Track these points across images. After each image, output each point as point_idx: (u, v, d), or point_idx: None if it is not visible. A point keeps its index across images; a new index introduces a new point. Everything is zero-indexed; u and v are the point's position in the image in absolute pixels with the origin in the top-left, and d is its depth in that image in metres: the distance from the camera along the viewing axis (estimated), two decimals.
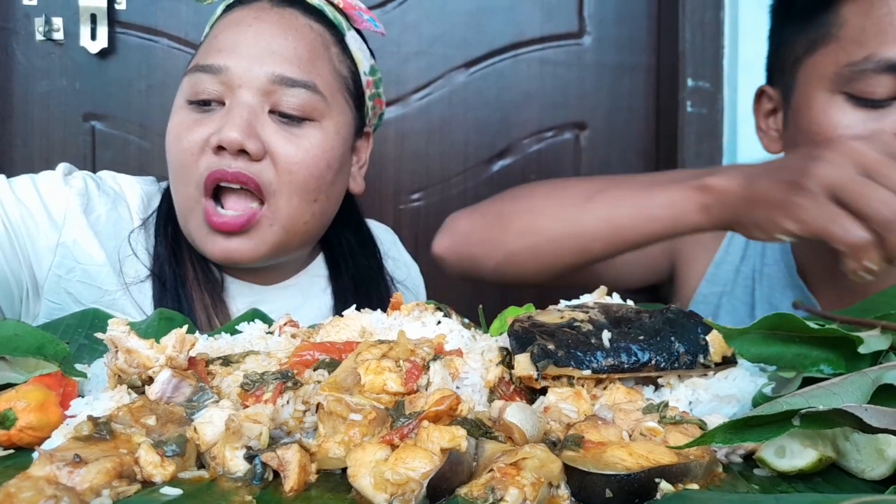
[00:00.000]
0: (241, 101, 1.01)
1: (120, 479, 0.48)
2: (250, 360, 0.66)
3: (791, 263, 1.14)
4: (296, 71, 1.02)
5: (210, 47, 1.05)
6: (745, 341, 0.65)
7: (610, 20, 2.08)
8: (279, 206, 1.02)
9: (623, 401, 0.60)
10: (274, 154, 1.01)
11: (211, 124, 1.01)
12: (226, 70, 1.01)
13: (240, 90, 1.01)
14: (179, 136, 1.02)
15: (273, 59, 1.02)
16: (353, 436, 0.52)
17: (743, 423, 0.49)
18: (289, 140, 1.02)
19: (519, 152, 2.10)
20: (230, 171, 0.99)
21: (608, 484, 0.48)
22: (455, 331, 0.72)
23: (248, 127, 0.99)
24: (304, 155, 1.02)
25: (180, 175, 1.03)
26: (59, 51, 2.02)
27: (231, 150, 0.99)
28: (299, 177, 1.02)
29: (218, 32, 1.07)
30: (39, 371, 0.63)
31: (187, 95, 1.04)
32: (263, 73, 1.01)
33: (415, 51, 2.06)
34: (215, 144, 0.99)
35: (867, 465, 0.52)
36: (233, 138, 0.97)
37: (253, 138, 0.99)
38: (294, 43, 1.04)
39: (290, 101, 1.02)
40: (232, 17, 1.07)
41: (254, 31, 1.03)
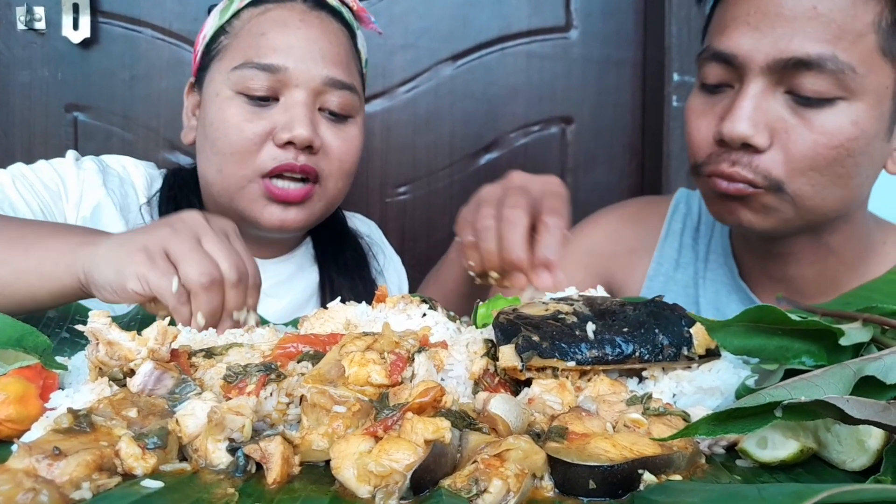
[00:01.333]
0: (299, 100, 1.11)
1: (100, 472, 0.48)
2: (233, 352, 0.66)
3: (733, 266, 1.16)
4: (342, 74, 1.15)
5: (261, 45, 1.13)
6: (728, 334, 0.65)
7: (597, 14, 2.08)
8: (328, 187, 1.17)
9: (607, 392, 0.60)
10: (327, 147, 1.14)
11: (270, 118, 1.11)
12: (284, 70, 1.11)
13: (296, 89, 1.12)
14: (240, 126, 1.11)
15: (324, 61, 1.13)
16: (336, 428, 0.52)
17: (726, 415, 0.49)
18: (337, 135, 1.15)
19: (505, 146, 2.10)
20: (298, 165, 1.11)
21: (592, 475, 0.48)
22: (440, 323, 0.72)
23: (313, 126, 1.12)
24: (350, 146, 1.17)
25: (236, 159, 1.12)
26: (41, 41, 1.99)
27: (300, 146, 1.11)
28: (346, 165, 1.18)
29: (265, 31, 1.14)
30: (19, 363, 0.63)
31: (239, 88, 1.12)
32: (318, 75, 1.12)
33: (401, 43, 2.05)
34: (284, 140, 1.10)
35: (848, 455, 0.53)
36: (304, 137, 1.10)
37: (318, 135, 1.12)
38: (336, 48, 1.16)
39: (336, 101, 1.14)
40: (275, 16, 1.15)
41: (304, 35, 1.14)
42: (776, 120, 0.94)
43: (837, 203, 0.98)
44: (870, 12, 0.92)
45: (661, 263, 1.23)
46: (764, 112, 0.94)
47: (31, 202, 1.09)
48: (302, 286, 1.28)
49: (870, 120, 0.94)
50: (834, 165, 0.94)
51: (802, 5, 0.92)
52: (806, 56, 0.91)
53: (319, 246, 1.32)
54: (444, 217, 2.10)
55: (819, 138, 0.93)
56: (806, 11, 0.92)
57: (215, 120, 1.13)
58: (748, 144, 0.94)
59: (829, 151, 0.93)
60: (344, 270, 1.30)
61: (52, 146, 1.98)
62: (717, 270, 1.18)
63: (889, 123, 0.97)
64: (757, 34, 0.94)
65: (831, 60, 0.91)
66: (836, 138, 0.93)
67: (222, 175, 1.14)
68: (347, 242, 1.34)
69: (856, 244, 1.06)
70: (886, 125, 0.96)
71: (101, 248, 0.82)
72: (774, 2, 0.94)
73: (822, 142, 0.93)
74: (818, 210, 0.98)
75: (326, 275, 1.29)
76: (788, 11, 0.93)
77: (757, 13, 0.95)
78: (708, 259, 1.21)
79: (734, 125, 0.94)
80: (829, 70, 0.91)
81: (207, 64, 1.18)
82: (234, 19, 1.17)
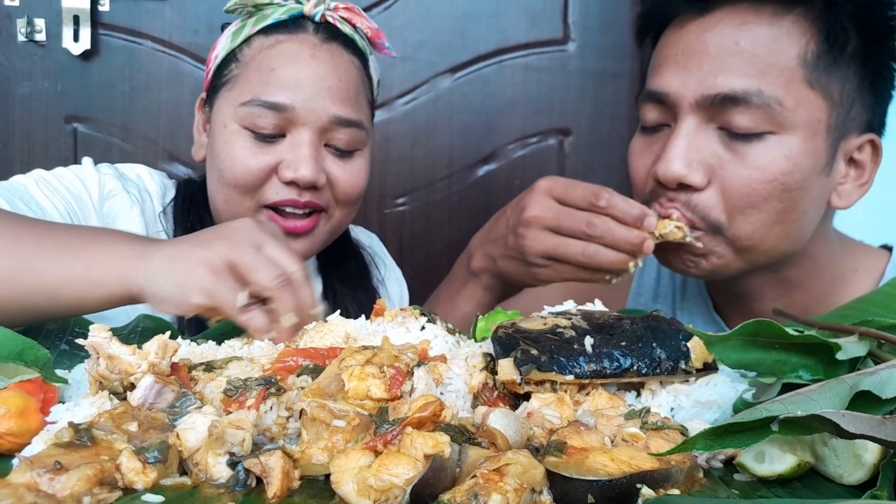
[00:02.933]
0: (305, 139, 1.13)
1: (101, 486, 0.48)
2: (233, 365, 0.66)
3: (708, 300, 1.17)
4: (349, 111, 1.15)
5: (270, 81, 1.13)
6: (725, 348, 0.66)
7: (594, 27, 2.09)
8: (333, 216, 1.20)
9: (605, 406, 0.60)
10: (333, 182, 1.16)
11: (275, 153, 1.13)
12: (291, 109, 1.12)
13: (303, 127, 1.13)
14: (245, 160, 1.13)
15: (331, 100, 1.14)
16: (336, 442, 0.52)
17: (723, 429, 0.49)
18: (343, 168, 1.17)
19: (503, 158, 2.11)
20: (301, 201, 1.13)
21: (590, 489, 0.48)
22: (439, 336, 0.72)
23: (317, 164, 1.13)
24: (356, 179, 1.19)
25: (240, 191, 1.14)
26: (42, 52, 2.00)
27: (303, 186, 1.12)
28: (352, 196, 1.20)
29: (274, 66, 1.14)
30: (20, 377, 0.63)
31: (246, 124, 1.13)
32: (325, 115, 1.13)
33: (400, 56, 2.06)
34: (289, 179, 1.11)
35: (845, 470, 0.53)
36: (309, 179, 1.11)
37: (321, 173, 1.13)
38: (345, 84, 1.16)
39: (343, 139, 1.16)
40: (285, 50, 1.15)
41: (313, 72, 1.14)
42: (710, 157, 0.95)
43: (780, 241, 0.98)
44: (794, 45, 0.93)
45: (640, 294, 1.23)
46: (698, 149, 0.95)
47: (58, 204, 1.10)
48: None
49: (803, 154, 0.94)
50: (770, 200, 0.94)
51: (725, 42, 0.94)
52: (731, 91, 0.92)
53: (322, 256, 1.32)
54: (442, 228, 2.11)
55: (752, 173, 0.93)
56: (729, 48, 0.93)
57: (222, 152, 1.14)
58: (684, 184, 0.95)
59: (764, 186, 0.93)
60: (346, 280, 1.31)
61: (51, 157, 1.98)
62: (693, 301, 1.18)
63: (826, 158, 0.96)
64: (685, 73, 0.95)
65: (756, 95, 0.92)
66: (769, 172, 0.93)
67: (229, 204, 1.16)
68: (350, 253, 1.35)
69: (821, 276, 1.05)
70: (823, 159, 0.96)
71: (154, 261, 0.83)
72: (700, 40, 0.95)
73: (755, 176, 0.93)
74: (759, 250, 0.97)
75: (329, 284, 1.30)
76: (713, 49, 0.94)
77: (685, 52, 0.96)
78: (685, 289, 1.21)
79: (668, 165, 0.95)
80: (755, 104, 0.92)
81: (218, 88, 1.18)
82: (245, 46, 1.17)
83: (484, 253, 1.09)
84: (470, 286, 1.12)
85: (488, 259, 1.08)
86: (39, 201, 1.08)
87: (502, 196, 2.09)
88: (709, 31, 0.95)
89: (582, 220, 0.95)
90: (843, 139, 0.97)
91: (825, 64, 0.94)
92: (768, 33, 0.93)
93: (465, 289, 1.13)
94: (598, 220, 0.94)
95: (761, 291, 1.05)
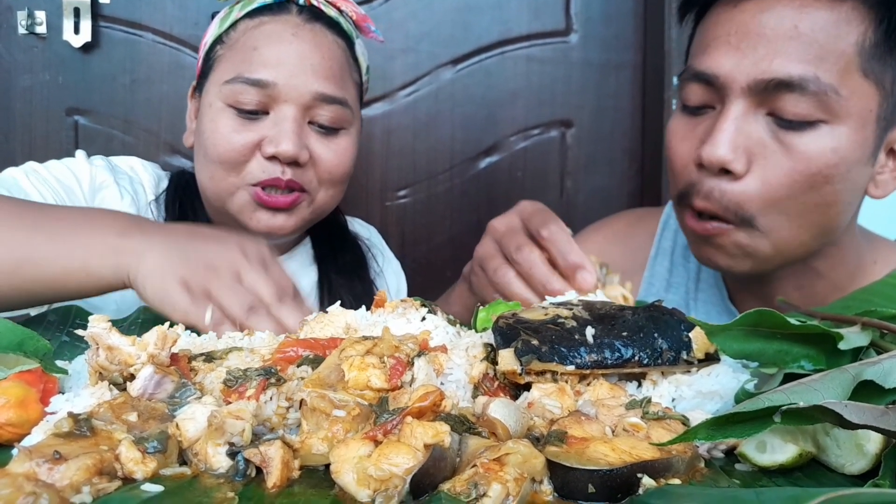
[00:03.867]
0: (287, 115, 1.13)
1: (100, 476, 0.48)
2: (233, 356, 0.66)
3: (722, 288, 1.15)
4: (333, 88, 1.16)
5: (253, 59, 1.14)
6: (727, 338, 0.65)
7: (597, 18, 2.08)
8: (318, 196, 1.20)
9: (606, 396, 0.60)
10: (316, 160, 1.16)
11: (258, 130, 1.14)
12: (273, 85, 1.13)
13: (285, 104, 1.13)
14: (229, 137, 1.14)
15: (314, 76, 1.14)
16: (336, 432, 0.52)
17: (725, 419, 0.49)
18: (327, 147, 1.17)
19: (505, 149, 2.10)
20: (284, 179, 1.14)
21: (591, 479, 0.48)
22: (440, 327, 0.72)
23: (299, 140, 1.13)
24: (341, 158, 1.19)
25: (225, 168, 1.15)
26: (42, 45, 2.00)
27: (285, 161, 1.13)
28: (336, 176, 1.20)
29: (257, 45, 1.15)
30: (19, 367, 0.63)
31: (230, 101, 1.14)
32: (307, 91, 1.14)
33: (401, 48, 2.06)
34: (271, 154, 1.12)
35: (847, 459, 0.53)
36: (290, 153, 1.12)
37: (304, 149, 1.14)
38: (329, 61, 1.17)
39: (326, 115, 1.16)
40: (268, 30, 1.16)
41: (295, 49, 1.15)
42: (755, 144, 0.92)
43: (817, 232, 0.96)
44: (853, 32, 0.90)
45: (653, 283, 1.22)
46: (745, 135, 0.92)
47: (48, 196, 1.10)
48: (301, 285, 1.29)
49: (852, 145, 0.92)
50: (810, 193, 0.92)
51: (784, 25, 0.91)
52: (787, 77, 0.89)
53: (318, 246, 1.34)
54: (444, 220, 2.10)
55: (796, 165, 0.91)
56: (787, 31, 0.90)
57: (207, 129, 1.16)
58: (725, 170, 0.92)
59: (806, 179, 0.91)
60: (342, 270, 1.32)
61: (52, 150, 1.98)
62: (708, 291, 1.17)
63: (872, 148, 0.94)
64: (738, 54, 0.92)
65: (813, 82, 0.89)
66: (814, 164, 0.91)
67: (213, 181, 1.18)
68: (347, 244, 1.36)
69: (845, 267, 1.04)
70: (870, 150, 0.94)
71: (145, 262, 0.85)
72: (756, 21, 0.92)
73: (798, 168, 0.91)
74: (796, 241, 0.96)
75: (325, 274, 1.31)
76: (770, 31, 0.91)
77: (738, 33, 0.93)
78: (699, 279, 1.19)
79: (714, 149, 0.92)
80: (810, 91, 0.89)
81: (206, 72, 1.20)
82: (232, 30, 1.19)
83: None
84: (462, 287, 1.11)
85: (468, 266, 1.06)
86: (29, 193, 1.09)
87: (504, 188, 2.09)
88: (766, 12, 0.92)
89: (514, 243, 0.89)
90: (889, 130, 0.95)
91: (881, 53, 0.91)
92: (827, 18, 0.90)
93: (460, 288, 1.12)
94: (527, 250, 0.88)
95: (785, 280, 1.04)
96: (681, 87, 1.01)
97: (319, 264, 1.33)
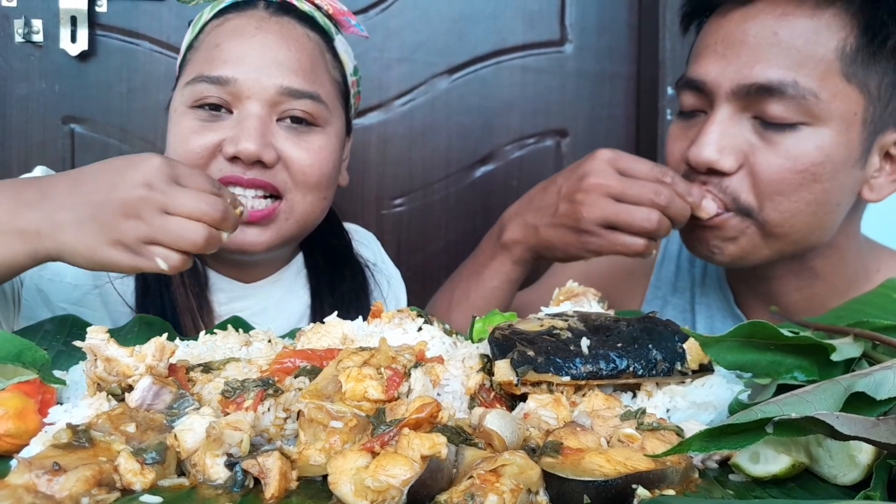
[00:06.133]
0: (251, 112, 1.04)
1: (99, 487, 0.48)
2: (231, 367, 0.66)
3: (728, 293, 1.17)
4: (301, 82, 1.07)
5: (214, 57, 1.07)
6: (721, 349, 0.66)
7: (591, 29, 2.09)
8: (296, 202, 1.08)
9: (601, 407, 0.60)
10: (287, 159, 1.06)
11: (220, 130, 1.05)
12: (234, 82, 1.04)
13: (249, 101, 1.05)
14: (187, 139, 1.05)
15: (280, 70, 1.06)
16: (333, 443, 0.53)
17: (719, 430, 0.50)
18: (298, 145, 1.07)
19: (501, 159, 2.11)
20: (245, 178, 1.04)
21: (586, 490, 0.48)
22: (436, 337, 0.73)
23: (262, 138, 1.03)
24: (315, 158, 1.08)
25: None
26: (39, 53, 2.00)
27: (247, 161, 1.03)
28: (312, 178, 1.08)
29: (220, 41, 1.08)
30: (18, 378, 0.63)
31: (191, 103, 1.06)
32: (272, 86, 1.05)
33: (397, 57, 2.06)
34: (231, 154, 1.03)
35: (839, 470, 0.53)
36: (251, 151, 1.02)
37: (268, 148, 1.04)
38: (297, 54, 1.08)
39: (296, 111, 1.07)
40: (232, 26, 1.09)
41: (259, 43, 1.06)
42: (743, 144, 0.96)
43: (810, 230, 0.99)
44: (833, 38, 0.93)
45: (659, 287, 1.23)
46: (731, 137, 0.96)
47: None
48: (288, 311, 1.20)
49: (836, 146, 0.95)
50: (800, 191, 0.95)
51: (764, 33, 0.95)
52: (767, 82, 0.93)
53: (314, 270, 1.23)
54: (439, 229, 2.10)
55: (784, 162, 0.95)
56: (768, 39, 0.94)
57: (170, 134, 1.09)
58: (714, 169, 0.97)
59: (795, 176, 0.95)
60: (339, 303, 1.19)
61: (48, 158, 1.98)
62: (712, 296, 1.18)
63: (860, 150, 0.97)
64: (723, 62, 0.97)
65: (792, 86, 0.93)
66: (800, 162, 0.94)
67: None
68: (348, 270, 1.24)
69: (845, 270, 1.07)
70: (857, 152, 0.97)
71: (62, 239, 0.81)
72: (740, 30, 0.97)
73: (786, 165, 0.95)
74: (788, 238, 0.99)
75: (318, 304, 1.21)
76: (752, 39, 0.95)
77: (724, 42, 0.98)
78: (704, 283, 1.21)
79: (700, 150, 0.97)
80: (790, 95, 0.93)
81: (178, 80, 1.13)
82: (201, 33, 1.12)
83: (523, 223, 1.09)
84: (499, 259, 1.12)
85: (527, 229, 1.08)
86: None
87: (500, 197, 2.09)
88: (749, 21, 0.96)
89: (650, 189, 0.97)
90: (879, 133, 0.98)
91: (864, 58, 0.94)
92: (808, 25, 0.94)
93: (494, 262, 1.12)
94: (665, 189, 0.96)
95: (783, 279, 1.06)
96: (677, 94, 1.05)
97: (313, 294, 1.21)
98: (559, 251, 1.06)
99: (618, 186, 0.98)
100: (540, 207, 1.06)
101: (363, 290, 1.25)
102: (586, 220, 0.99)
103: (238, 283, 1.17)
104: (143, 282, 1.09)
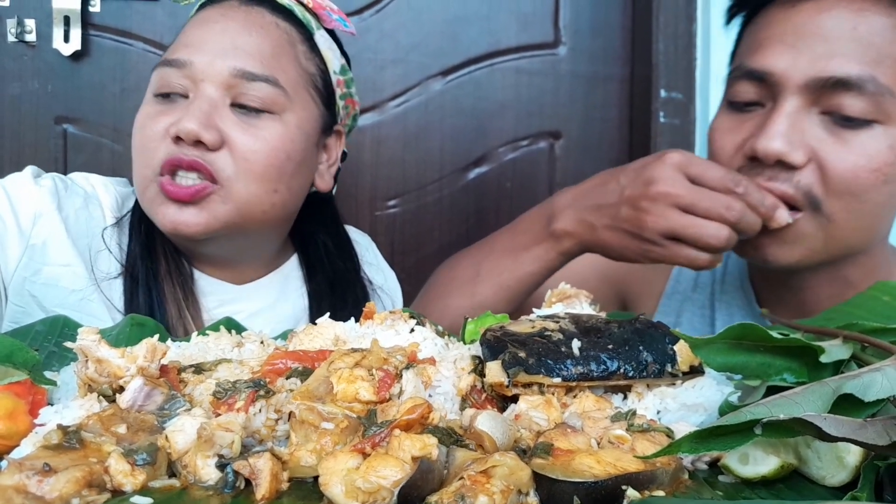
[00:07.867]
0: (202, 94, 1.04)
1: (90, 488, 0.48)
2: (222, 368, 0.66)
3: (749, 291, 1.15)
4: (257, 66, 1.06)
5: (178, 43, 1.09)
6: (711, 351, 0.66)
7: (585, 31, 2.10)
8: (236, 189, 1.05)
9: (592, 409, 0.61)
10: (232, 144, 1.04)
11: (173, 115, 1.05)
12: (190, 64, 1.05)
13: (203, 84, 1.05)
14: (144, 125, 1.07)
15: (236, 54, 1.05)
16: (325, 444, 0.53)
17: (709, 432, 0.50)
18: (246, 131, 1.05)
19: (494, 160, 2.12)
20: (185, 159, 1.03)
21: (576, 491, 0.48)
22: (428, 339, 0.73)
23: (206, 118, 1.03)
24: (263, 145, 1.05)
25: (140, 159, 1.07)
26: (32, 53, 1.99)
27: (188, 141, 1.02)
28: (257, 166, 1.05)
29: (187, 29, 1.11)
30: (8, 379, 0.63)
31: (154, 89, 1.08)
32: (225, 68, 1.05)
33: (391, 58, 2.07)
34: (173, 135, 1.03)
35: (828, 471, 0.54)
36: (189, 129, 1.01)
37: (210, 129, 1.02)
38: (258, 40, 1.08)
39: (250, 95, 1.05)
40: (201, 16, 1.12)
41: (220, 28, 1.08)
42: (812, 138, 0.93)
43: (865, 233, 0.97)
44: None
45: (679, 282, 1.21)
46: (799, 130, 0.93)
47: None
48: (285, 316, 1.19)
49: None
50: (870, 191, 0.92)
51: (843, 26, 0.92)
52: (846, 76, 0.90)
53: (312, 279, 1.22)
54: (433, 231, 2.11)
55: (859, 159, 0.91)
56: (846, 32, 0.91)
57: (134, 123, 1.09)
58: (782, 162, 0.93)
59: (869, 175, 0.92)
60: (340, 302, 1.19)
61: (41, 158, 1.98)
62: (733, 294, 1.16)
63: None
64: (794, 53, 0.93)
65: (871, 82, 0.90)
66: (875, 161, 0.91)
67: (136, 178, 1.09)
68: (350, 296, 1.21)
69: (875, 278, 1.02)
70: None
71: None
72: (814, 22, 0.93)
73: (861, 163, 0.91)
74: (846, 240, 0.96)
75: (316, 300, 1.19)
76: (828, 32, 0.92)
77: (795, 33, 0.94)
78: (724, 280, 1.18)
79: (769, 141, 0.92)
80: (868, 92, 0.90)
81: None
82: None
83: (578, 217, 1.02)
84: (544, 246, 1.05)
85: (583, 225, 1.02)
86: None
87: (493, 199, 2.10)
88: (824, 13, 0.93)
89: (722, 203, 0.91)
90: None
91: None
92: (885, 23, 0.92)
93: (538, 248, 1.06)
94: (738, 203, 0.91)
95: (817, 288, 1.04)
96: (729, 85, 1.01)
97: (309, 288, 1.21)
98: (615, 253, 1.01)
99: (687, 197, 0.92)
100: (599, 205, 1.00)
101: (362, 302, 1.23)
102: (651, 230, 0.94)
103: (229, 285, 1.17)
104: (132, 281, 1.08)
